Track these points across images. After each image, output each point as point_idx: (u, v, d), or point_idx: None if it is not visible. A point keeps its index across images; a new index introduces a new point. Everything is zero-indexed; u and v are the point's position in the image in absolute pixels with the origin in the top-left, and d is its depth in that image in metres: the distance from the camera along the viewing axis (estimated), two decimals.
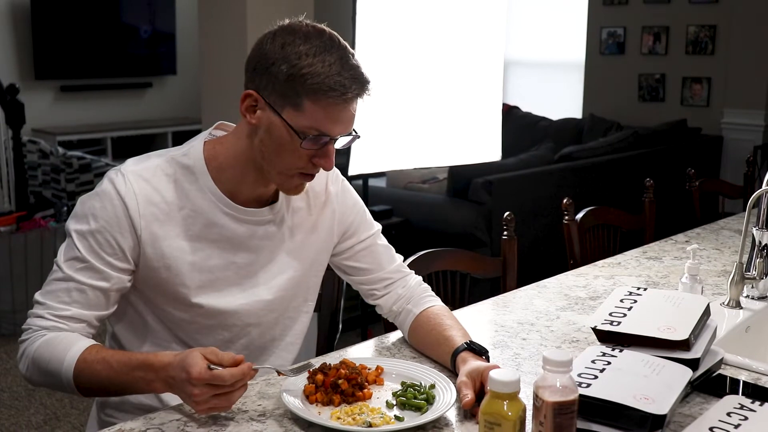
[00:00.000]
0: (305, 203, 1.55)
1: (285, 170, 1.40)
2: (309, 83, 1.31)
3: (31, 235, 3.93)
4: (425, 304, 1.62)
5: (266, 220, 1.49)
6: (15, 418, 3.16)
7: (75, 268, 1.38)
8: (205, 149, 1.45)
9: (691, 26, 5.92)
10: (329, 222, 1.59)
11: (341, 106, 1.34)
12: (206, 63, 3.90)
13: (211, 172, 1.43)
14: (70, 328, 1.39)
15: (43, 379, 1.40)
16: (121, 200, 1.38)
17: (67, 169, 4.69)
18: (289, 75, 1.32)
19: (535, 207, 4.22)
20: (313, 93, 1.32)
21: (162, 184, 1.42)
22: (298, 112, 1.34)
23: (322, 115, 1.34)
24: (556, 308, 1.89)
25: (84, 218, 1.40)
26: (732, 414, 1.20)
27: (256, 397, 1.37)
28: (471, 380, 1.33)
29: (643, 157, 5.00)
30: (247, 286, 1.50)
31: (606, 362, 1.30)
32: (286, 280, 1.54)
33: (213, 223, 1.44)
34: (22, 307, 3.91)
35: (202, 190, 1.43)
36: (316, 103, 1.33)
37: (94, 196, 1.41)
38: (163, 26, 7.35)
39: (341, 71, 1.32)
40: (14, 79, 5.99)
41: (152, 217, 1.40)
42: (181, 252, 1.43)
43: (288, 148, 1.37)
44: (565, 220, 2.55)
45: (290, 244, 1.54)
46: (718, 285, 2.05)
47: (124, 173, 1.41)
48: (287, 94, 1.33)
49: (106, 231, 1.38)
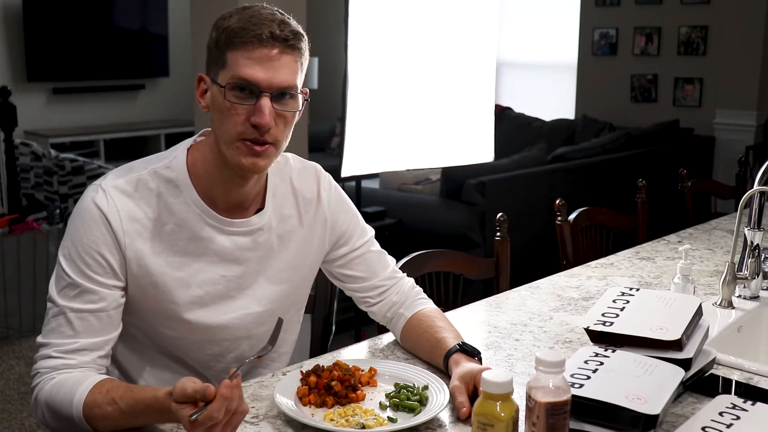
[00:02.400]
0: (295, 210, 1.52)
1: (229, 138, 1.34)
2: (227, 36, 1.33)
3: (24, 237, 3.92)
4: (417, 306, 1.61)
5: (253, 230, 1.45)
6: (8, 422, 3.15)
7: (69, 297, 1.34)
8: (188, 158, 1.42)
9: (682, 27, 5.94)
10: (321, 230, 1.55)
11: (257, 47, 1.31)
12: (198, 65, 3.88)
13: (193, 181, 1.40)
14: (79, 362, 1.33)
15: (60, 425, 1.33)
16: (103, 217, 1.35)
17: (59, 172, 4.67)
18: (217, 39, 1.35)
19: (528, 208, 4.22)
20: (231, 43, 1.33)
21: (144, 200, 1.38)
22: (225, 69, 1.34)
23: (240, 61, 1.32)
24: (549, 309, 1.89)
25: (69, 242, 1.37)
26: (724, 413, 1.20)
27: (249, 399, 1.37)
28: (464, 384, 1.33)
29: (636, 158, 5.01)
30: (237, 298, 1.47)
31: (599, 362, 1.30)
32: (277, 292, 1.51)
33: (198, 237, 1.41)
34: (14, 311, 3.90)
35: (186, 203, 1.40)
36: (234, 50, 1.32)
37: (76, 218, 1.37)
38: (156, 28, 7.34)
39: (256, 18, 1.32)
40: (6, 81, 5.98)
41: (136, 234, 1.37)
42: (168, 268, 1.40)
43: (224, 110, 1.34)
44: (557, 220, 2.55)
45: (280, 253, 1.50)
46: (710, 285, 2.06)
47: (105, 189, 1.37)
48: (216, 58, 1.35)
49: (92, 250, 1.35)
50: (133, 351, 1.49)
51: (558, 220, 2.55)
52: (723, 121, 5.77)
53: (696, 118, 5.85)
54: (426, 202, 4.51)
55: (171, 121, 7.38)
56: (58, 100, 6.91)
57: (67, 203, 4.67)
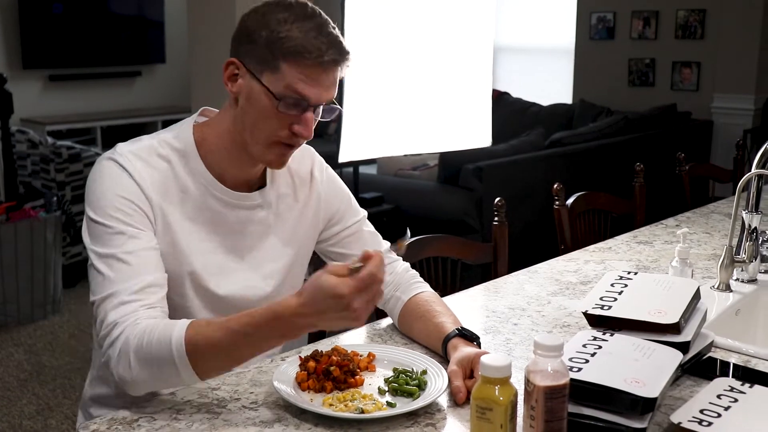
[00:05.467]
0: (291, 189, 1.56)
1: (265, 139, 1.39)
2: (286, 46, 1.32)
3: (21, 225, 3.91)
4: (414, 290, 1.62)
5: (255, 205, 1.49)
6: (8, 409, 3.16)
7: (115, 244, 1.32)
8: (194, 134, 1.45)
9: (680, 10, 5.92)
10: (315, 208, 1.59)
11: (318, 69, 1.34)
12: (195, 51, 3.87)
13: (201, 155, 1.44)
14: (155, 300, 1.30)
15: (151, 373, 1.26)
16: (127, 173, 1.37)
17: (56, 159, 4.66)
18: (269, 40, 1.33)
19: (525, 193, 4.22)
20: (290, 55, 1.33)
21: (158, 164, 1.41)
22: (276, 75, 1.34)
23: (298, 78, 1.34)
24: (547, 293, 1.90)
25: (95, 200, 1.36)
26: (722, 396, 1.21)
27: (249, 385, 1.37)
28: (461, 369, 1.33)
29: (633, 142, 5.01)
30: (238, 271, 1.49)
31: (597, 346, 1.30)
32: (278, 268, 1.54)
33: (203, 206, 1.44)
34: (12, 298, 3.90)
35: (193, 173, 1.43)
36: (293, 65, 1.33)
37: (100, 178, 1.37)
38: (152, 14, 7.30)
39: (318, 36, 1.34)
40: (2, 68, 5.95)
41: (155, 192, 1.39)
42: (180, 230, 1.42)
43: (267, 114, 1.37)
44: (555, 205, 2.55)
45: (279, 230, 1.54)
46: (708, 269, 2.06)
47: (121, 153, 1.40)
48: (266, 59, 1.34)
49: (125, 199, 1.35)
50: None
51: (556, 204, 2.55)
52: (721, 105, 5.76)
53: (694, 102, 5.84)
54: (423, 188, 4.50)
55: (168, 108, 7.36)
56: (55, 87, 6.89)
57: (64, 191, 4.66)
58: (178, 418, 1.25)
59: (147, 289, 1.31)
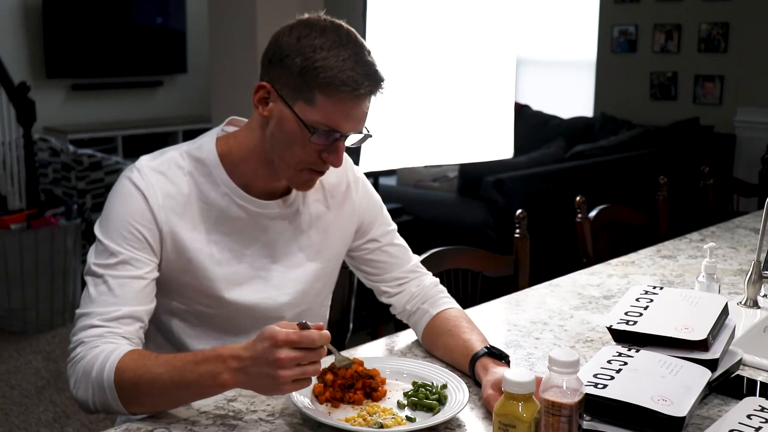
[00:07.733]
0: (321, 195, 1.55)
1: (294, 165, 1.39)
2: (322, 77, 1.30)
3: (42, 232, 3.93)
4: (442, 305, 1.59)
5: (279, 213, 1.48)
6: (25, 416, 3.16)
7: (110, 266, 1.35)
8: (218, 145, 1.44)
9: (703, 24, 5.87)
10: (348, 216, 1.58)
11: (353, 102, 1.33)
12: (216, 61, 3.89)
13: (225, 166, 1.43)
14: (124, 331, 1.31)
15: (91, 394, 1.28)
16: (140, 194, 1.38)
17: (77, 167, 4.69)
18: (303, 68, 1.31)
19: (546, 205, 4.19)
20: (325, 87, 1.30)
21: (177, 177, 1.42)
22: (310, 106, 1.33)
23: (333, 110, 1.32)
24: (569, 307, 1.87)
25: (106, 218, 1.39)
26: (752, 416, 1.18)
27: (266, 397, 1.35)
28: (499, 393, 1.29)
29: (655, 156, 4.96)
30: (266, 279, 1.49)
31: (622, 362, 1.27)
32: (305, 275, 1.53)
33: (226, 216, 1.44)
34: (32, 305, 3.91)
35: (216, 182, 1.43)
36: (328, 97, 1.31)
37: (115, 197, 1.40)
38: (174, 24, 7.35)
39: (355, 66, 1.31)
40: (25, 77, 5.99)
41: (171, 210, 1.40)
42: (201, 244, 1.42)
43: (298, 141, 1.35)
44: (578, 218, 2.52)
45: (306, 237, 1.52)
46: (735, 284, 2.03)
47: (140, 168, 1.41)
48: (300, 88, 1.32)
49: (131, 225, 1.37)
50: (168, 342, 1.49)
51: (578, 217, 2.52)
52: (744, 119, 5.69)
53: (716, 115, 5.78)
54: (443, 199, 4.48)
55: (189, 118, 7.39)
56: (77, 96, 6.94)
57: (85, 199, 4.68)
58: (193, 429, 1.24)
59: (122, 320, 1.33)
